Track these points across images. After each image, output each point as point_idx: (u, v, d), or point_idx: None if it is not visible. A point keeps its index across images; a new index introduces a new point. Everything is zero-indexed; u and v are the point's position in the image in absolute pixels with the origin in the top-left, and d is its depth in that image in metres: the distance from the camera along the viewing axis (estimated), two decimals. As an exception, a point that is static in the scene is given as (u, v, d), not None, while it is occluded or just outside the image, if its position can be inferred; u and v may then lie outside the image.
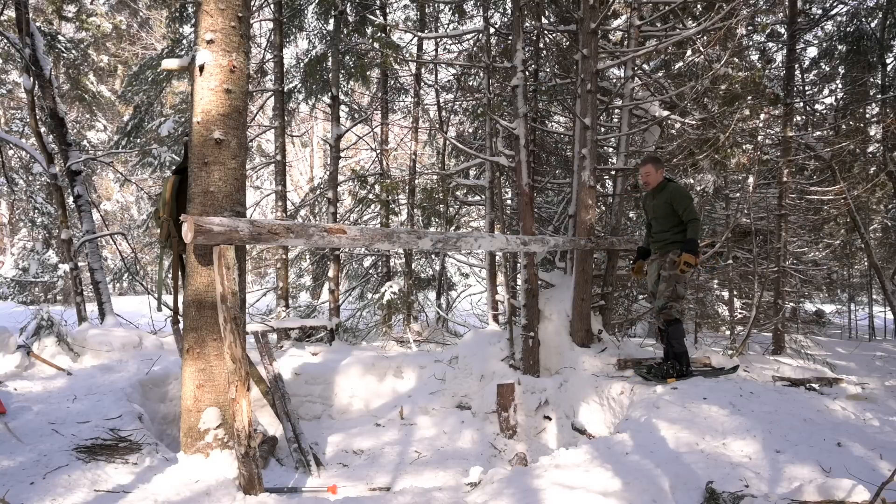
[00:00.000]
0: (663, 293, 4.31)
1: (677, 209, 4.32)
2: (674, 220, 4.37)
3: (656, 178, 4.48)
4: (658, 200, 4.46)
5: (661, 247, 4.46)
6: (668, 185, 4.43)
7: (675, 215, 4.35)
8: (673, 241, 4.37)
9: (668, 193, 4.38)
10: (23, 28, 6.04)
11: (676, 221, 4.36)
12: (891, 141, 7.63)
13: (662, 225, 4.45)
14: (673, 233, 4.39)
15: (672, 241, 4.38)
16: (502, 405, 4.52)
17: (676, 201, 4.31)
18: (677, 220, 4.35)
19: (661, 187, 4.46)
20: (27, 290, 14.36)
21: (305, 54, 8.87)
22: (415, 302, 8.17)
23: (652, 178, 4.48)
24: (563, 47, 7.15)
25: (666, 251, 4.40)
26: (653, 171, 4.47)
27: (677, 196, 4.32)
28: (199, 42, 3.20)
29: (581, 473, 2.82)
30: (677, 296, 4.29)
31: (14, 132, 12.96)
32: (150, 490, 2.72)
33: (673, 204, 4.33)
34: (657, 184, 4.49)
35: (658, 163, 4.51)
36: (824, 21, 8.54)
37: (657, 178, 4.48)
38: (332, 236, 3.14)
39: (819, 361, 6.23)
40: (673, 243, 4.37)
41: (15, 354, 4.55)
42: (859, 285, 11.78)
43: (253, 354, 4.54)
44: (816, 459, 2.80)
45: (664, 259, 4.41)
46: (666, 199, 4.38)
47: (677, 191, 4.36)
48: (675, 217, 4.35)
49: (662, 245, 4.45)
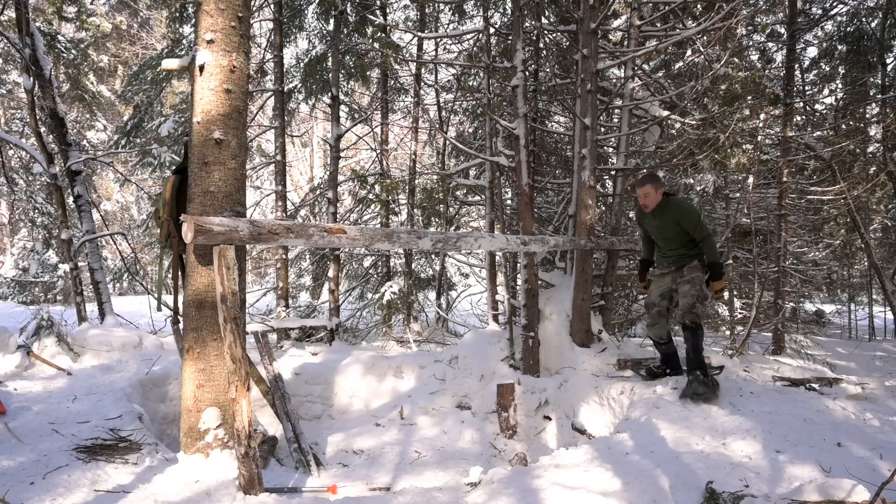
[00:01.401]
0: (689, 293, 4.07)
1: (687, 228, 4.09)
2: (685, 238, 4.17)
3: (656, 198, 4.19)
4: (663, 222, 4.21)
5: (676, 261, 4.27)
6: (669, 203, 4.17)
7: (685, 234, 4.14)
8: (689, 256, 4.20)
9: (673, 213, 4.12)
10: (23, 28, 6.04)
11: (688, 238, 4.16)
12: (891, 141, 7.63)
13: (672, 244, 4.25)
14: (688, 248, 4.20)
15: (689, 256, 4.21)
16: (502, 405, 4.52)
17: (685, 221, 4.08)
18: (688, 236, 4.15)
19: (663, 206, 4.19)
20: (27, 290, 14.36)
21: (305, 54, 8.87)
22: (415, 302, 8.17)
23: (651, 199, 4.19)
24: (563, 47, 7.15)
25: (682, 264, 4.23)
26: (652, 191, 4.16)
27: (684, 215, 4.08)
28: (199, 42, 3.20)
29: (581, 473, 2.82)
30: (704, 295, 4.08)
31: (14, 132, 12.96)
32: (151, 490, 2.72)
33: (681, 224, 4.10)
34: (657, 204, 4.21)
35: (656, 182, 4.20)
36: (824, 21, 8.54)
37: (657, 198, 4.19)
38: (332, 236, 3.14)
39: (819, 361, 6.23)
40: (690, 257, 4.20)
41: (15, 354, 4.55)
42: (859, 285, 11.77)
43: (253, 354, 4.54)
44: (816, 459, 2.81)
45: (680, 272, 4.24)
46: (672, 219, 4.13)
47: (683, 209, 4.11)
48: (685, 235, 4.15)
49: (677, 259, 4.26)
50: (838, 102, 9.25)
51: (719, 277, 4.04)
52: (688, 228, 4.09)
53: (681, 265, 4.22)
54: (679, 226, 4.11)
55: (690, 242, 4.16)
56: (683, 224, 4.09)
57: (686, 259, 4.20)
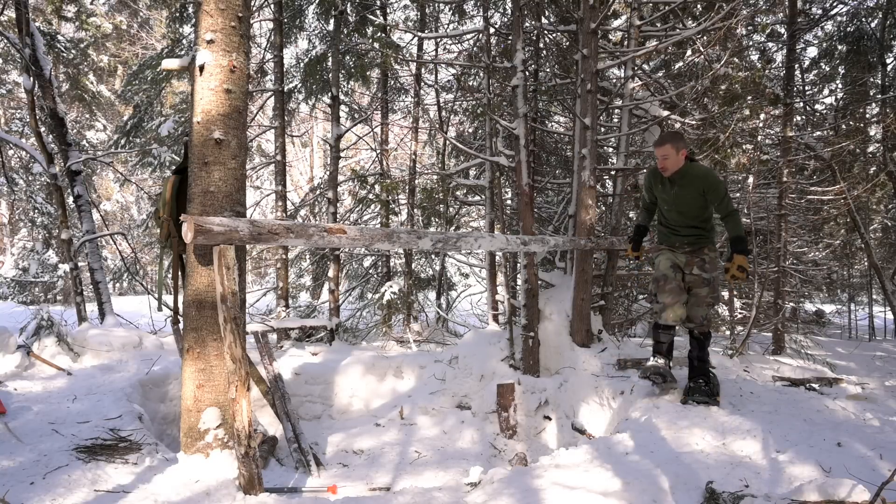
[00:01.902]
0: (706, 299, 3.63)
1: (712, 201, 3.54)
2: (703, 213, 3.65)
3: (677, 161, 3.55)
4: (683, 190, 3.61)
5: (692, 242, 3.74)
6: (692, 170, 3.56)
7: (704, 207, 3.62)
8: (706, 237, 3.70)
9: (698, 182, 3.54)
10: (23, 28, 6.04)
11: (707, 214, 3.65)
12: (891, 141, 7.63)
13: (687, 219, 3.68)
14: (704, 226, 3.69)
15: (705, 237, 3.70)
16: (502, 405, 4.52)
17: (711, 191, 3.51)
18: (707, 211, 3.64)
19: (685, 172, 3.57)
20: (27, 290, 14.37)
21: (305, 54, 8.88)
22: (415, 302, 8.17)
23: (671, 161, 3.56)
24: (563, 47, 7.15)
25: (699, 247, 3.72)
26: (672, 152, 3.53)
27: (712, 185, 3.51)
28: (199, 42, 3.20)
29: (581, 473, 2.82)
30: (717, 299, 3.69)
31: (14, 132, 12.96)
32: (151, 490, 2.72)
33: (707, 195, 3.54)
34: (677, 169, 3.58)
35: (679, 141, 3.55)
36: (824, 21, 8.54)
37: (677, 161, 3.55)
38: (332, 236, 3.14)
39: (819, 361, 6.23)
40: (706, 238, 3.70)
41: (15, 354, 4.55)
42: (859, 285, 11.78)
43: (253, 354, 4.54)
44: (816, 459, 2.80)
45: (697, 257, 3.72)
46: (698, 189, 3.55)
47: (710, 178, 3.53)
48: (704, 209, 3.63)
49: (693, 240, 3.73)
50: (838, 102, 9.25)
51: (745, 252, 3.46)
52: (713, 200, 3.55)
53: (698, 247, 3.72)
54: (703, 197, 3.57)
55: (708, 220, 3.68)
56: (709, 195, 3.54)
57: (703, 241, 3.71)
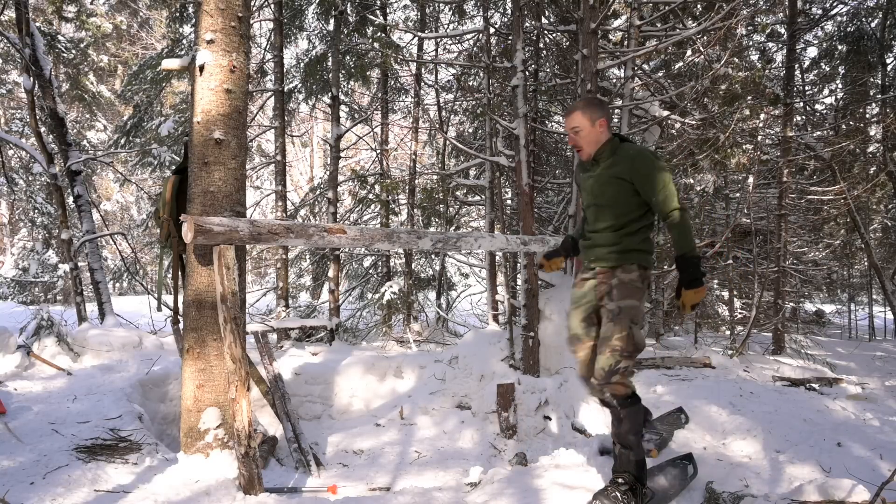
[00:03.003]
0: (610, 341, 2.33)
1: (641, 190, 2.33)
2: (627, 213, 2.40)
3: (593, 135, 2.41)
4: (601, 174, 2.43)
5: (602, 256, 2.45)
6: (620, 149, 2.40)
7: (630, 202, 2.38)
8: (626, 250, 2.40)
9: (625, 163, 2.35)
10: (23, 28, 6.04)
11: (634, 215, 2.40)
12: (891, 141, 7.64)
13: (605, 217, 2.44)
14: (626, 233, 2.40)
15: (625, 250, 2.40)
16: (502, 405, 4.52)
17: (641, 179, 2.31)
18: (635, 211, 2.39)
19: (609, 152, 2.41)
20: (27, 290, 14.37)
21: (305, 54, 8.88)
22: (415, 302, 8.17)
23: (585, 136, 2.41)
24: (563, 47, 7.15)
25: (611, 264, 2.42)
26: (585, 123, 2.40)
27: (643, 170, 2.31)
28: (199, 42, 3.20)
29: (581, 473, 2.82)
30: (636, 346, 2.33)
31: (14, 132, 12.97)
32: (151, 490, 2.72)
33: (635, 183, 2.33)
34: (598, 146, 2.43)
35: (595, 109, 2.42)
36: (824, 21, 8.55)
37: (595, 135, 2.41)
38: (332, 236, 3.14)
39: (819, 361, 6.23)
40: (626, 253, 2.40)
41: (15, 354, 4.55)
42: (859, 285, 11.78)
43: (253, 354, 4.54)
44: (816, 459, 2.81)
45: (605, 283, 2.43)
46: (621, 173, 2.36)
47: (642, 160, 2.33)
48: (630, 205, 2.39)
49: (605, 254, 2.44)
50: (838, 102, 9.26)
51: (696, 283, 2.23)
52: (642, 190, 2.33)
53: (609, 265, 2.43)
54: (629, 186, 2.35)
55: (635, 222, 2.41)
56: (637, 183, 2.33)
57: (620, 255, 2.40)
